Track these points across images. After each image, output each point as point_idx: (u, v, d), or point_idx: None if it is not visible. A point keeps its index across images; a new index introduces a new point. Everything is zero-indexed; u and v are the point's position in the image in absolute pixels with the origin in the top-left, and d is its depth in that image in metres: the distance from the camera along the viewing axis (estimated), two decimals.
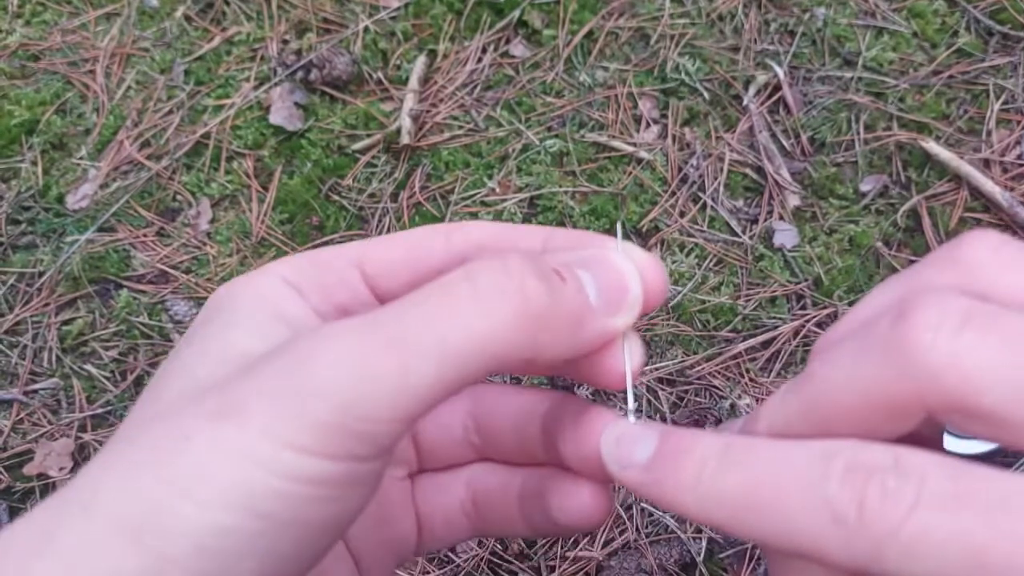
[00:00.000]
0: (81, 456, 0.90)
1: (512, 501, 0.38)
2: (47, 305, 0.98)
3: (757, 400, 0.86)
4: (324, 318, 0.33)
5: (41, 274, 1.00)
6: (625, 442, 0.31)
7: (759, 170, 0.99)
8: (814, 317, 0.90)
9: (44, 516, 0.25)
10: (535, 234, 0.34)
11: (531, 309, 0.28)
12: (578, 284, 0.30)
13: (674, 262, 0.94)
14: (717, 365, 0.88)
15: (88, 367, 0.94)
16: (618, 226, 0.35)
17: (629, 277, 0.31)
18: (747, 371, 0.87)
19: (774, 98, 1.04)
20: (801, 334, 0.89)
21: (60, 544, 0.24)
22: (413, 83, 1.07)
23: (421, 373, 0.26)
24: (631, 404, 0.33)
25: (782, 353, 0.88)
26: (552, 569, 0.80)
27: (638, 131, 1.03)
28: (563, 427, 0.35)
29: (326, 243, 0.99)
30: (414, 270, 0.34)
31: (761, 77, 1.05)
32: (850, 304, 0.90)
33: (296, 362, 0.27)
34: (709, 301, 0.92)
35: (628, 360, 0.32)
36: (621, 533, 0.81)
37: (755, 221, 0.96)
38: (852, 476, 0.24)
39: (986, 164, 0.97)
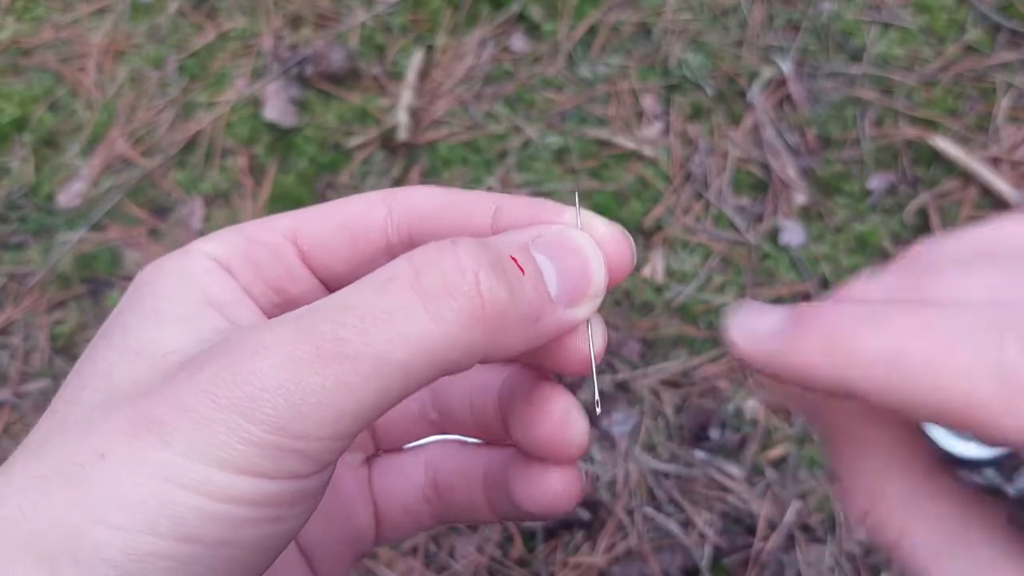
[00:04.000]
0: None
1: (476, 486, 0.36)
2: (38, 305, 0.96)
3: (762, 403, 0.84)
4: (257, 300, 0.31)
5: (32, 274, 0.98)
6: (752, 315, 0.28)
7: (764, 167, 0.98)
8: None
9: None
10: (485, 202, 0.31)
11: (488, 312, 0.25)
12: (537, 275, 0.28)
13: (678, 261, 0.92)
14: (722, 367, 0.86)
15: None
16: (576, 195, 0.31)
17: (591, 263, 0.29)
18: (752, 373, 0.86)
19: (779, 94, 1.02)
20: None
21: None
22: (410, 78, 1.06)
23: (364, 389, 0.24)
24: (596, 392, 0.31)
25: None
26: (552, 575, 0.78)
27: (640, 127, 1.01)
28: (515, 406, 0.33)
29: None
30: (353, 245, 0.32)
31: (766, 72, 1.03)
32: None
33: (224, 374, 0.24)
34: (714, 301, 0.90)
35: (592, 345, 0.30)
36: (623, 539, 0.79)
37: (760, 219, 0.95)
38: None
39: (995, 161, 0.96)
